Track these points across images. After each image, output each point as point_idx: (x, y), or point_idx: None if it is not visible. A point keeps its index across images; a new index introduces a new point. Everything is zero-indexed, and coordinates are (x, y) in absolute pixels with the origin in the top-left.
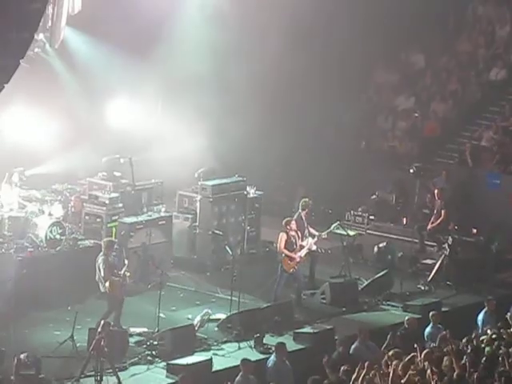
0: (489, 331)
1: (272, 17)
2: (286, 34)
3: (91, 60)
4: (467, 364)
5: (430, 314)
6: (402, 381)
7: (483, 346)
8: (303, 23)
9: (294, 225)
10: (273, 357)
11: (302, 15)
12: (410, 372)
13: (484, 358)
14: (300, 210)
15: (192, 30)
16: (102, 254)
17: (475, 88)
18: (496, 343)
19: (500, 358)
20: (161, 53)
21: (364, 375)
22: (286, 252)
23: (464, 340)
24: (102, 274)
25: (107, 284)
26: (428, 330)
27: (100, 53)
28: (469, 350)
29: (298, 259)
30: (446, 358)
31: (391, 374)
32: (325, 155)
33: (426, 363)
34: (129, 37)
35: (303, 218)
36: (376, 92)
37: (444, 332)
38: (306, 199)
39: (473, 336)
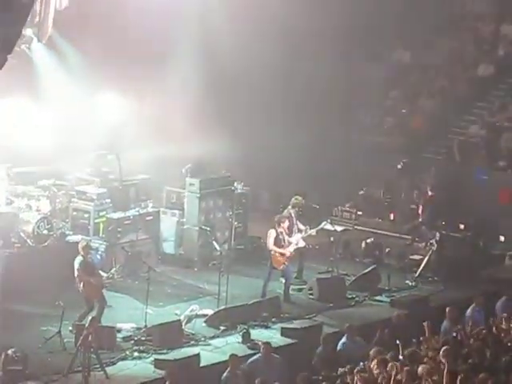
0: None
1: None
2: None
3: (79, 56)
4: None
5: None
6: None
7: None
8: (288, 23)
9: (286, 223)
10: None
11: (285, 16)
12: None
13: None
14: (290, 207)
15: (184, 27)
16: (79, 255)
17: (463, 84)
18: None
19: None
20: (152, 49)
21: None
22: (276, 249)
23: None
24: (76, 275)
25: (81, 285)
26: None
27: (87, 49)
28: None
29: (288, 255)
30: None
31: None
32: (312, 150)
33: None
34: (118, 32)
35: (292, 214)
36: (363, 86)
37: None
38: (299, 197)
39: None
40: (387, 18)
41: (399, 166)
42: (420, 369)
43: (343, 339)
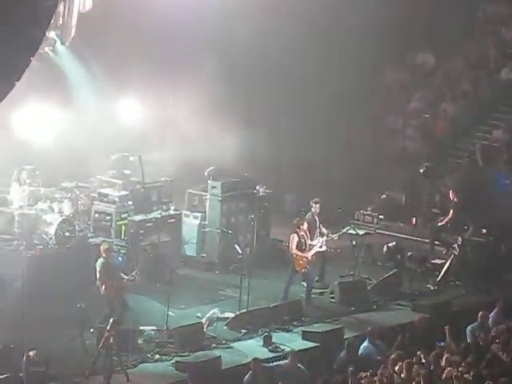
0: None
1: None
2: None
3: (101, 59)
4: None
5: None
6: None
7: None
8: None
9: (305, 225)
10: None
11: (309, 14)
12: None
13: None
14: (313, 210)
15: (206, 26)
16: (100, 257)
17: (486, 88)
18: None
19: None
20: (174, 50)
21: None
22: (298, 252)
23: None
24: (98, 277)
25: (102, 287)
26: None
27: (109, 51)
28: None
29: (309, 258)
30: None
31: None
32: (335, 154)
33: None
34: (141, 35)
35: (316, 217)
36: (387, 92)
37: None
38: (317, 199)
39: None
40: (412, 21)
41: (421, 170)
42: (444, 374)
43: (365, 343)
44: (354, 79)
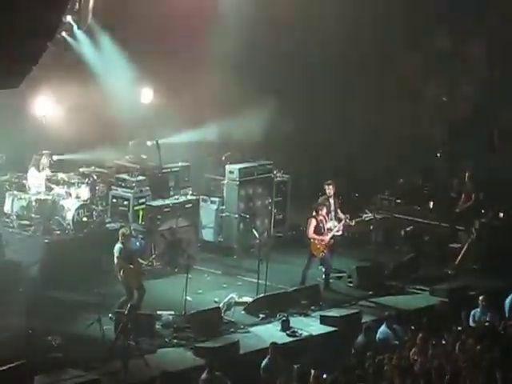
0: None
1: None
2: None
3: (117, 44)
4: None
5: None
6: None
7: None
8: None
9: (324, 210)
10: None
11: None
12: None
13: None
14: (327, 192)
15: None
16: (118, 242)
17: (503, 72)
18: None
19: None
20: (189, 38)
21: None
22: (315, 236)
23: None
24: (116, 262)
25: (120, 272)
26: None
27: (126, 37)
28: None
29: (327, 242)
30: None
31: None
32: (352, 139)
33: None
34: (158, 22)
35: (330, 200)
36: (404, 75)
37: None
38: (330, 181)
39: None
40: (428, 5)
41: (438, 155)
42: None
43: (382, 327)
44: (371, 63)
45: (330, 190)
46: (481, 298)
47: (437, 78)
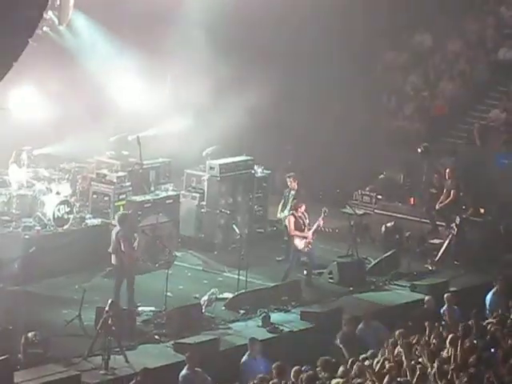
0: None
1: None
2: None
3: (99, 40)
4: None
5: (445, 295)
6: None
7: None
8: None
9: (302, 207)
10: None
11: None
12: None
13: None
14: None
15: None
16: (117, 227)
17: (483, 68)
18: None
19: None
20: (171, 32)
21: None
22: (297, 233)
23: (470, 321)
24: (111, 246)
25: (113, 256)
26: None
27: (108, 33)
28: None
29: (310, 238)
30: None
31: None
32: (333, 134)
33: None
34: (138, 16)
35: (290, 194)
36: (384, 71)
37: None
38: (291, 174)
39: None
40: (409, 1)
41: (419, 150)
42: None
43: (361, 324)
44: (351, 58)
45: (290, 182)
46: (446, 295)
47: (417, 74)
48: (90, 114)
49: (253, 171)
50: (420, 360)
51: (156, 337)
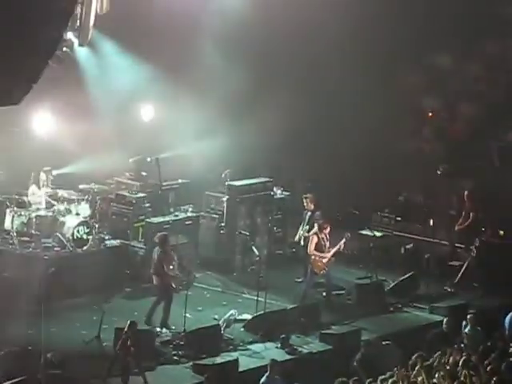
0: None
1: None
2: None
3: (120, 61)
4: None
5: (468, 316)
6: None
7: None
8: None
9: (327, 229)
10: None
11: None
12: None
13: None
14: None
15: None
16: (157, 248)
17: (502, 89)
18: None
19: None
20: (188, 56)
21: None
22: (316, 253)
23: (489, 343)
24: (152, 268)
25: (155, 277)
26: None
27: (128, 51)
28: (494, 354)
29: (328, 259)
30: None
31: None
32: (351, 156)
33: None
34: (159, 40)
35: (307, 215)
36: (402, 93)
37: None
38: (307, 195)
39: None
40: (428, 21)
41: (439, 172)
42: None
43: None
44: (369, 80)
45: (307, 203)
46: (469, 316)
47: (436, 95)
48: (110, 134)
49: (272, 193)
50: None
51: (175, 358)
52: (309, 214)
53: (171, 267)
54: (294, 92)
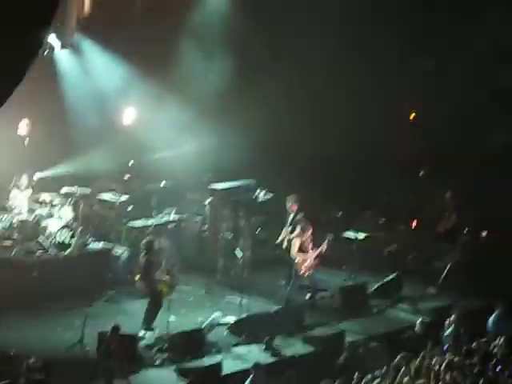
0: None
1: None
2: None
3: (101, 63)
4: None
5: (452, 316)
6: None
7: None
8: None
9: (310, 230)
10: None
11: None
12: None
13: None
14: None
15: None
16: (143, 254)
17: (485, 90)
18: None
19: None
20: (169, 56)
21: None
22: (300, 255)
23: (474, 344)
24: (140, 275)
25: (142, 284)
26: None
27: (112, 53)
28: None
29: (312, 261)
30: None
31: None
32: (336, 156)
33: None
34: (141, 44)
35: (289, 217)
36: (389, 91)
37: None
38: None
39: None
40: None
41: (422, 172)
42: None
43: (361, 348)
44: (356, 76)
45: (290, 205)
46: (452, 317)
47: (416, 95)
48: (93, 136)
49: (255, 195)
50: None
51: (158, 361)
52: (292, 215)
53: (159, 273)
54: (278, 91)
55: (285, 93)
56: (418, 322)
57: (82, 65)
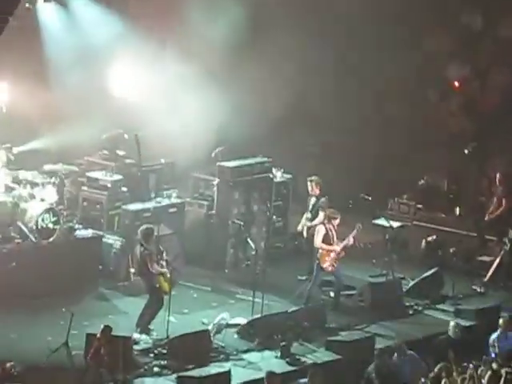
0: None
1: None
2: None
3: (90, 20)
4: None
5: (501, 319)
6: None
7: None
8: None
9: (338, 219)
10: None
11: None
12: None
13: None
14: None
15: None
16: (139, 244)
17: None
18: None
19: None
20: (173, 17)
21: None
22: (324, 246)
23: None
24: (136, 269)
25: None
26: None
27: (104, 10)
28: None
29: (338, 253)
30: None
31: None
32: (364, 132)
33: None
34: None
35: (311, 201)
36: (424, 59)
37: None
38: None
39: None
40: None
41: (467, 151)
42: None
43: (394, 357)
44: (386, 42)
45: (311, 187)
46: (501, 320)
47: (464, 62)
48: (80, 105)
49: (271, 175)
50: None
51: (156, 369)
52: (313, 199)
53: (160, 265)
54: (297, 56)
55: (307, 60)
56: (451, 324)
57: (68, 19)
